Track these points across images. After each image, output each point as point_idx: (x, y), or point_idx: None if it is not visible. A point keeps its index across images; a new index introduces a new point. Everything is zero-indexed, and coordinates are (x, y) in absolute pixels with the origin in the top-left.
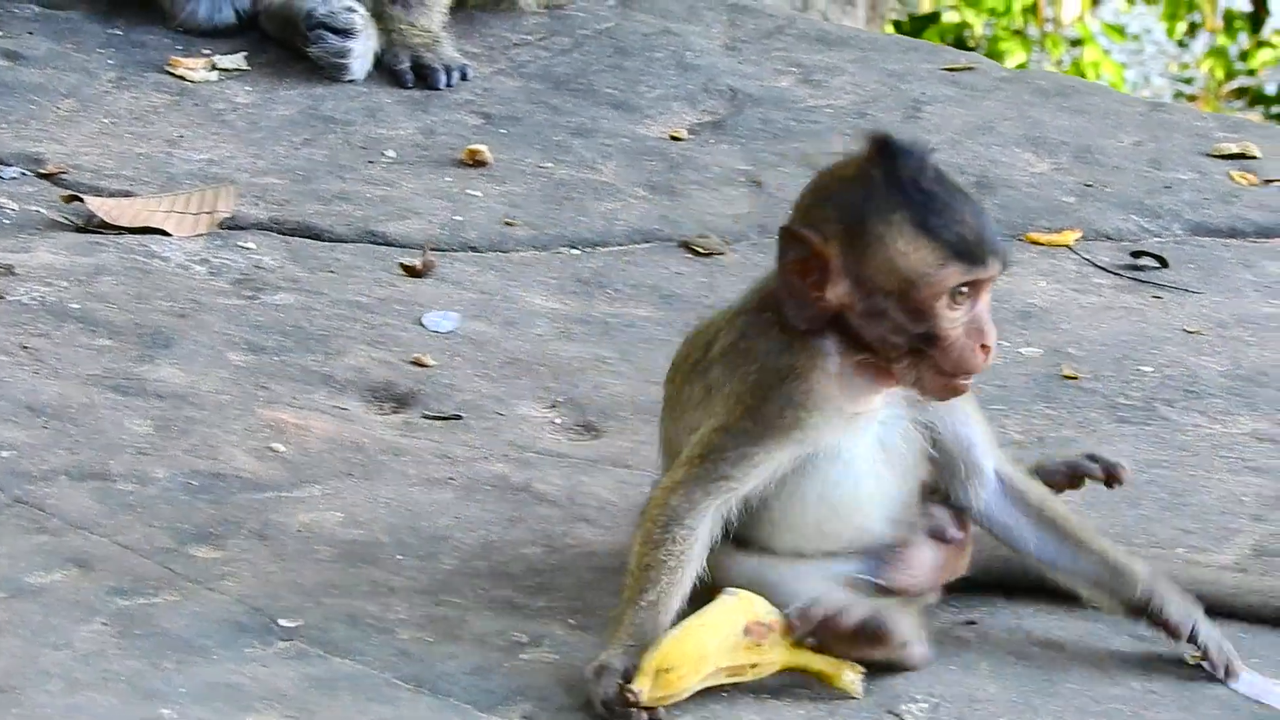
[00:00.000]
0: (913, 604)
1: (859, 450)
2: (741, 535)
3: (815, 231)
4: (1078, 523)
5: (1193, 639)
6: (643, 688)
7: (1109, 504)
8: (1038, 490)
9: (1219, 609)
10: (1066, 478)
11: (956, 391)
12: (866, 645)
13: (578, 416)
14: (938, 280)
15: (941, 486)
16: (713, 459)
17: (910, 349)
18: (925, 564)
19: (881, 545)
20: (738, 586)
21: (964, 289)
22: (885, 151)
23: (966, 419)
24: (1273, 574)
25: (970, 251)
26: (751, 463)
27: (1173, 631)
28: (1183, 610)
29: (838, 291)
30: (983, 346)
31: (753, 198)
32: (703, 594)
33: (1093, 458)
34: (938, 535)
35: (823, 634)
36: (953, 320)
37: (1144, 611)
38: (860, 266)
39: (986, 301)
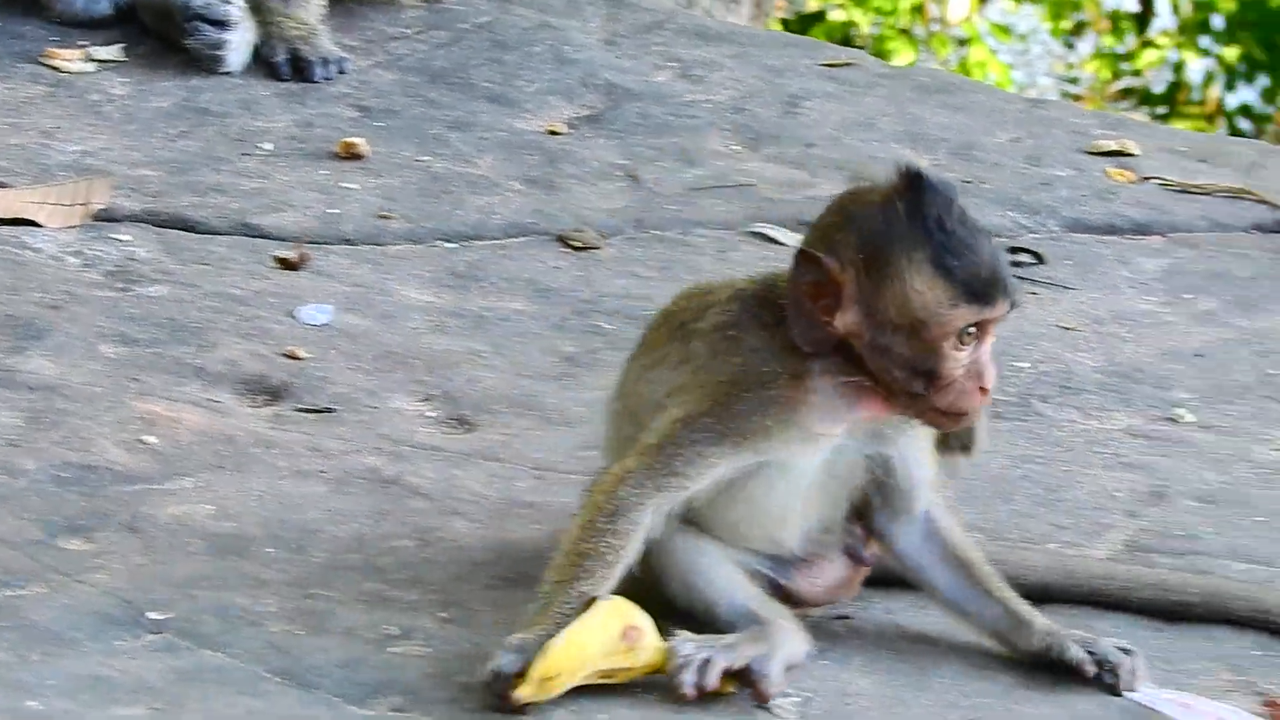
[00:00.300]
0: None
1: (804, 469)
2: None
3: (833, 257)
4: (989, 572)
5: (1100, 664)
6: (524, 695)
7: (983, 499)
8: (958, 536)
9: (1106, 602)
10: None
11: (953, 424)
12: (745, 686)
13: (451, 410)
14: (948, 320)
15: (866, 513)
16: (670, 453)
17: (910, 383)
18: (830, 579)
19: (817, 547)
20: (660, 556)
21: (972, 329)
22: (914, 185)
23: (918, 459)
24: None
25: (982, 293)
26: (707, 463)
27: (1077, 670)
28: (1079, 651)
29: (847, 319)
30: (981, 389)
31: (629, 192)
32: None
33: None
34: (852, 554)
35: (696, 685)
36: (956, 360)
37: (1043, 658)
38: (874, 298)
39: (990, 341)
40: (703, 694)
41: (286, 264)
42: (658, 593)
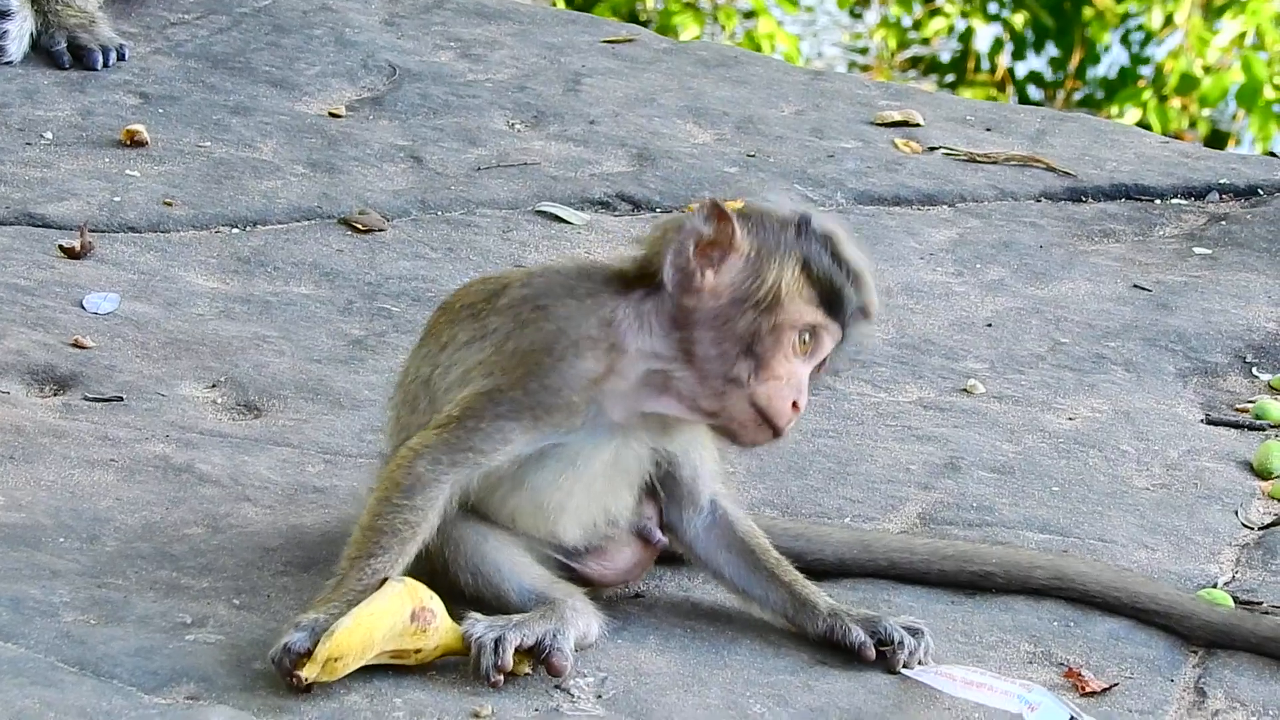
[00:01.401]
0: (592, 591)
1: (589, 460)
2: (474, 504)
3: (742, 225)
4: (774, 558)
5: (884, 642)
6: (309, 675)
7: (775, 475)
8: (744, 524)
9: (905, 576)
10: None
11: (756, 438)
12: (540, 663)
13: (239, 396)
14: (800, 312)
15: (658, 500)
16: (468, 428)
17: (735, 367)
18: (625, 562)
19: (600, 539)
20: (437, 541)
21: (808, 337)
22: (804, 220)
23: (700, 451)
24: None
25: (833, 308)
26: (504, 438)
27: (858, 654)
28: (859, 633)
29: (718, 279)
30: (795, 404)
31: (412, 173)
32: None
33: None
34: (643, 536)
35: (496, 667)
36: (787, 357)
37: (826, 640)
38: (752, 271)
39: (811, 369)
40: (505, 676)
41: (71, 253)
42: (448, 582)
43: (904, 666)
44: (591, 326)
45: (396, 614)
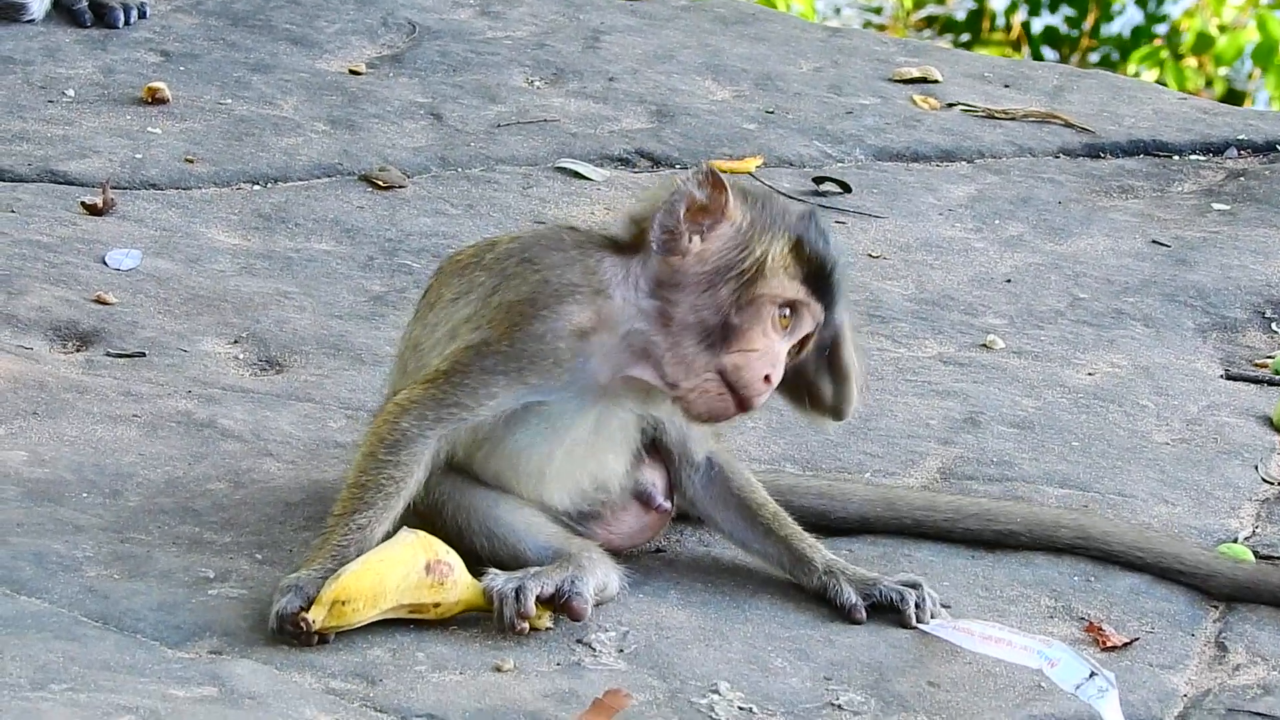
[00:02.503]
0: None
1: (570, 423)
2: (463, 464)
3: (738, 196)
4: (772, 511)
5: (880, 605)
6: (316, 617)
7: (795, 430)
8: (740, 479)
9: (929, 533)
10: None
11: (719, 413)
12: (560, 611)
13: (261, 352)
14: (782, 286)
15: (667, 461)
16: (454, 381)
17: (708, 335)
18: (629, 527)
19: (593, 504)
20: (449, 510)
21: (787, 313)
22: (811, 213)
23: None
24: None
25: (818, 288)
26: (490, 393)
27: (848, 615)
28: (850, 594)
29: (706, 246)
30: (766, 377)
31: (432, 130)
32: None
33: None
34: (644, 501)
35: (519, 614)
36: (765, 331)
37: (820, 597)
38: (739, 243)
39: (788, 347)
40: (526, 626)
41: (93, 210)
42: (462, 549)
43: (919, 621)
44: (576, 274)
45: (409, 564)
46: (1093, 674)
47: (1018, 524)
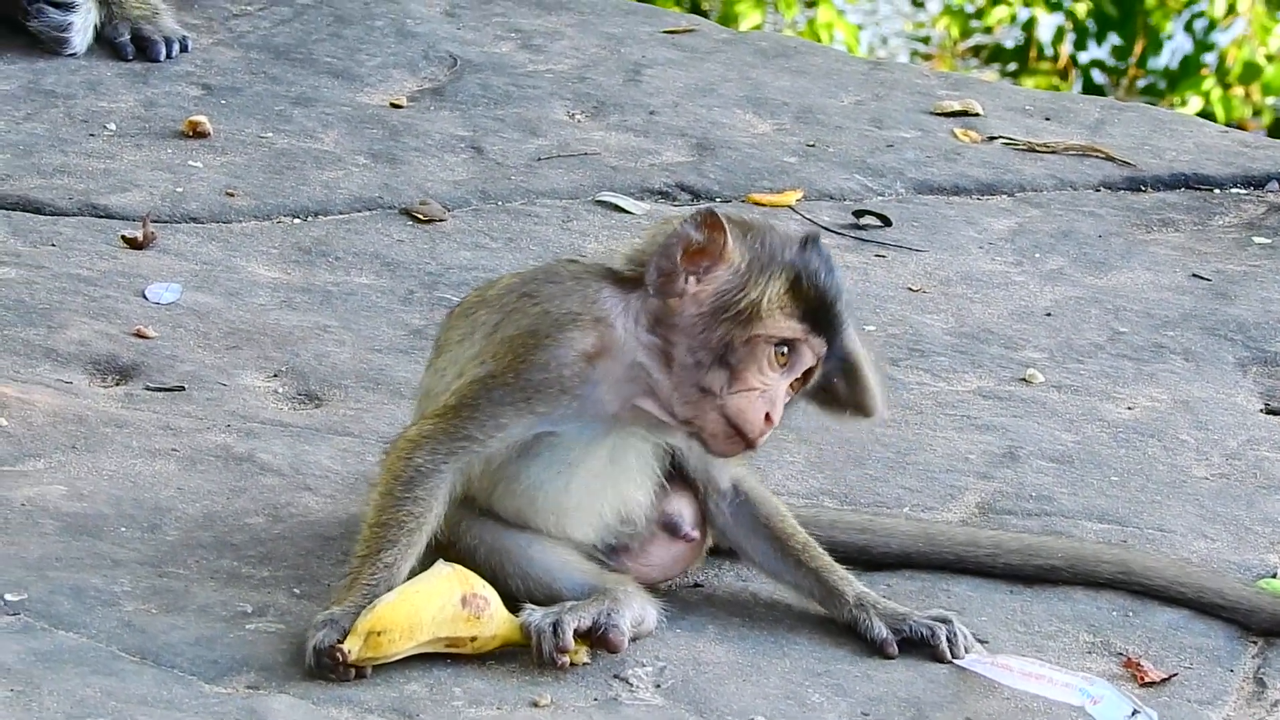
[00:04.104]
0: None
1: (585, 454)
2: (485, 505)
3: (736, 237)
4: (802, 541)
5: (911, 640)
6: (352, 647)
7: (834, 465)
8: (768, 507)
9: (970, 569)
10: None
11: (726, 449)
12: (596, 644)
13: (300, 385)
14: (778, 325)
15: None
16: (463, 416)
17: (708, 376)
18: (659, 558)
19: (620, 538)
20: (482, 553)
21: (785, 350)
22: (810, 239)
23: None
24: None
25: (816, 325)
26: (499, 424)
27: (879, 649)
28: (881, 629)
29: (703, 288)
30: (767, 417)
31: (473, 163)
32: (436, 551)
33: None
34: (672, 530)
35: (558, 649)
36: (761, 370)
37: (851, 630)
38: (737, 285)
39: (787, 384)
40: (566, 660)
41: (133, 244)
42: (498, 590)
43: (954, 656)
44: (575, 303)
45: (445, 597)
46: (1135, 712)
47: (1059, 559)
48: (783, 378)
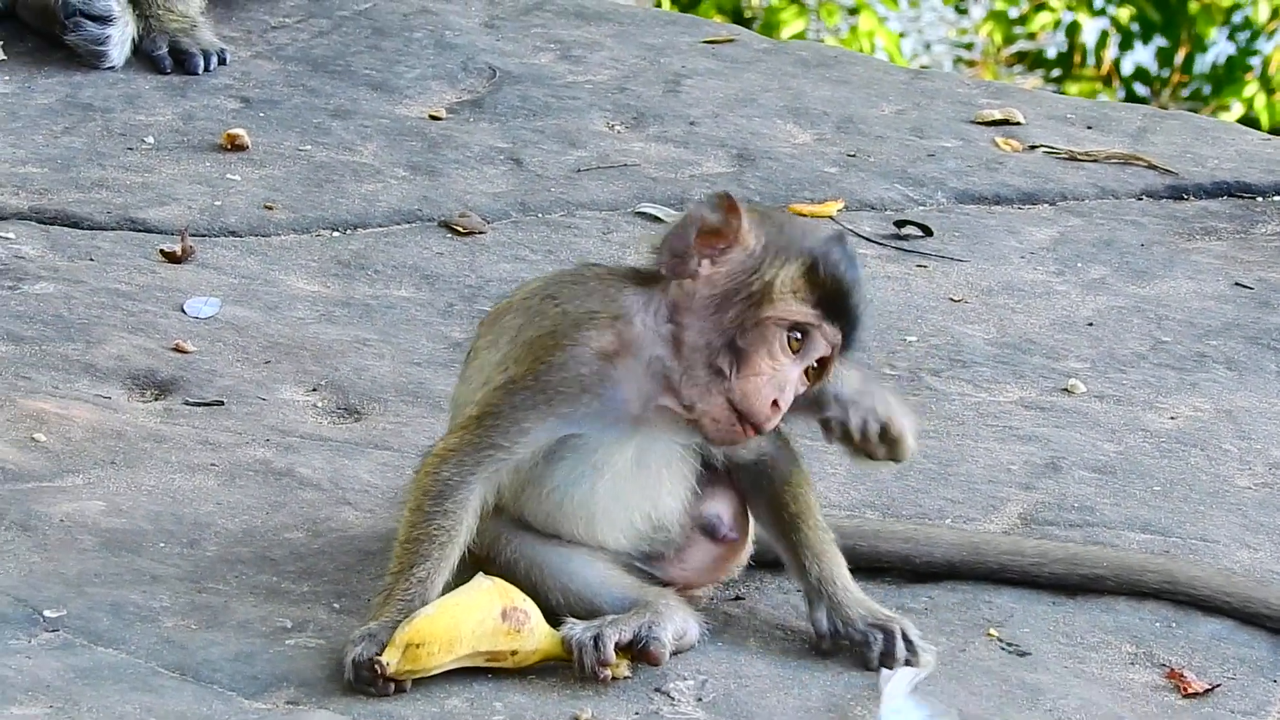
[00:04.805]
0: (686, 594)
1: (613, 458)
2: (517, 514)
3: (753, 221)
4: (796, 510)
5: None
6: (391, 660)
7: (875, 476)
8: (790, 474)
9: (1014, 579)
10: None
11: (731, 437)
12: (638, 658)
13: (339, 399)
14: (791, 310)
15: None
16: (488, 425)
17: (717, 360)
18: (699, 561)
19: (654, 544)
20: (522, 568)
21: (799, 336)
22: (838, 236)
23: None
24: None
25: (830, 307)
26: (521, 429)
27: (815, 641)
28: (824, 622)
29: (715, 270)
30: (775, 403)
31: (512, 175)
32: (471, 565)
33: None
34: (710, 533)
35: (600, 663)
36: (773, 355)
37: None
38: (750, 268)
39: (799, 373)
40: (608, 674)
41: (172, 258)
42: (541, 605)
43: (882, 667)
44: (595, 302)
45: (485, 609)
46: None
47: (1104, 568)
48: (794, 364)
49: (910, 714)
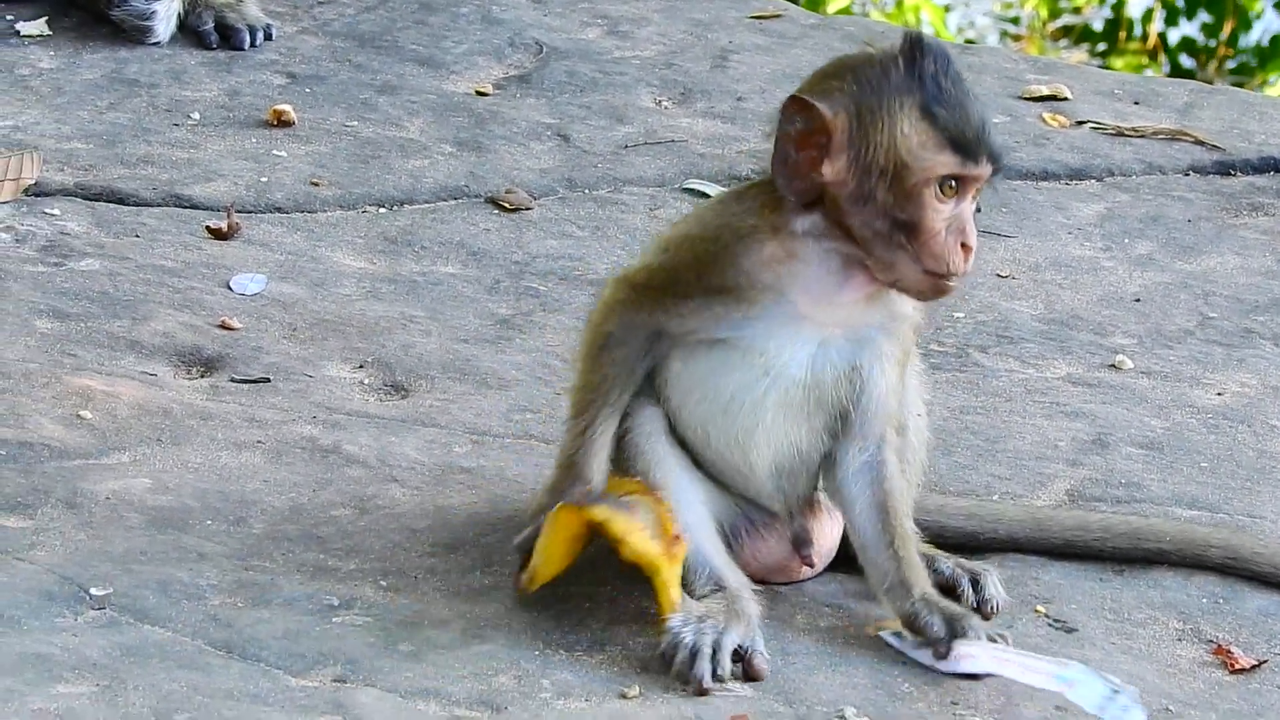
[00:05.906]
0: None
1: (789, 364)
2: (675, 415)
3: (827, 104)
4: (902, 527)
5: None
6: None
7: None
8: (893, 482)
9: (1080, 554)
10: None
11: (940, 291)
12: (746, 676)
13: (386, 376)
14: (930, 166)
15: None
16: (656, 284)
17: (892, 238)
18: (771, 559)
19: (761, 503)
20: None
21: (953, 182)
22: (914, 46)
23: (889, 384)
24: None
25: (966, 146)
26: (682, 297)
27: (933, 647)
28: (941, 628)
29: (835, 167)
30: (964, 245)
31: (559, 151)
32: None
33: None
34: (797, 544)
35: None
36: (938, 212)
37: (909, 624)
38: (862, 143)
39: (971, 205)
40: (715, 688)
41: (218, 234)
42: None
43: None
44: (752, 215)
45: (573, 529)
46: (1116, 691)
47: (1167, 542)
48: (960, 203)
49: (1092, 683)
